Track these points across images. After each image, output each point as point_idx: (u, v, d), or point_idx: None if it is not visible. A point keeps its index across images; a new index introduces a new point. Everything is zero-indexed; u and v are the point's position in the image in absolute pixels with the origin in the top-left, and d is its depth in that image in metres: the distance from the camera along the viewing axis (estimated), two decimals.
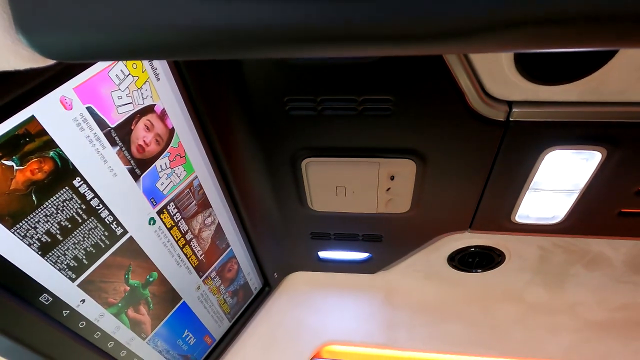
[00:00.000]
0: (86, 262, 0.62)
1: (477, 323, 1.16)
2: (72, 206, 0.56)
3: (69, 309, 0.63)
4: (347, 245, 1.08)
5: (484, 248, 1.05)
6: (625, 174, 0.77)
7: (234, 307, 1.08)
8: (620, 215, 0.86)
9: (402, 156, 0.78)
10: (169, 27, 0.24)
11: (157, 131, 0.63)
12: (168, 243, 0.76)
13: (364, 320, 1.18)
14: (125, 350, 0.78)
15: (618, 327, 1.14)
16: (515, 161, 0.77)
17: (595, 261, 1.05)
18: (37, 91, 0.47)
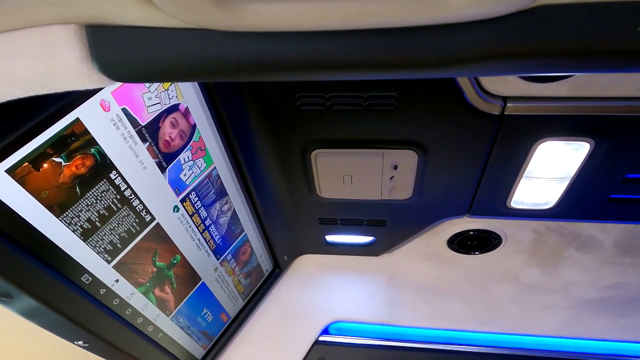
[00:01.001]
0: (120, 246, 0.69)
1: (475, 301, 1.23)
2: (108, 196, 0.63)
3: (105, 288, 0.70)
4: (352, 230, 1.15)
5: (481, 232, 1.11)
6: (612, 163, 0.82)
7: (248, 287, 1.16)
8: (609, 200, 0.92)
9: (405, 147, 0.84)
10: (197, 59, 0.30)
11: (181, 127, 0.70)
12: (190, 228, 0.83)
13: (368, 299, 1.26)
14: (152, 326, 0.86)
15: (608, 305, 1.21)
16: (510, 151, 0.83)
17: (587, 244, 1.11)
18: (82, 96, 0.53)
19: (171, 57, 0.30)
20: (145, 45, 0.30)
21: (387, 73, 0.29)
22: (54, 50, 0.30)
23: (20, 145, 0.49)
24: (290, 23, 0.25)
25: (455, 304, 1.24)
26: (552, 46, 0.26)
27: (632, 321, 1.19)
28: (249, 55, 0.28)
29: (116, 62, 0.32)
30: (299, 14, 0.24)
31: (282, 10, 0.24)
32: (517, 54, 0.27)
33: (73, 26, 0.30)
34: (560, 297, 1.22)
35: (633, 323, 1.19)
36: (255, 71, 0.29)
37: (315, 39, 0.26)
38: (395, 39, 0.26)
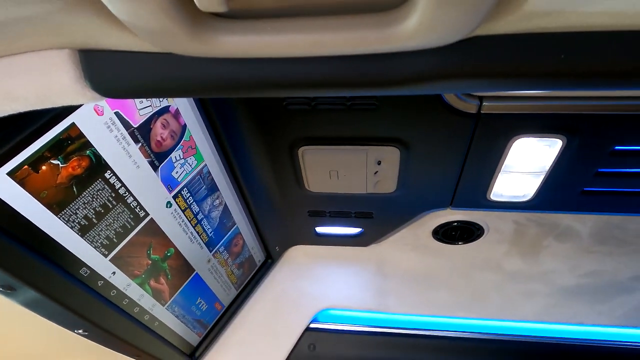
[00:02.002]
0: (116, 240, 0.73)
1: (460, 289, 1.29)
2: (104, 195, 0.67)
3: (103, 280, 0.74)
4: (341, 222, 1.19)
5: (464, 223, 1.16)
6: (584, 158, 0.87)
7: (240, 277, 1.20)
8: (583, 193, 0.97)
9: (387, 144, 0.88)
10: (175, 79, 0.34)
11: (172, 128, 0.73)
12: (182, 223, 0.87)
13: (357, 288, 1.31)
14: (148, 315, 0.90)
15: (585, 292, 1.26)
16: (488, 147, 0.87)
17: (565, 233, 1.16)
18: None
19: (152, 77, 0.34)
20: (130, 66, 0.34)
21: (347, 91, 0.33)
22: (51, 71, 0.34)
23: (20, 149, 0.53)
24: (257, 52, 0.28)
25: (441, 292, 1.29)
26: (487, 69, 0.30)
27: (608, 307, 1.25)
28: (220, 77, 0.32)
29: (105, 81, 0.35)
30: (266, 46, 0.28)
31: (251, 42, 0.28)
32: (458, 75, 0.31)
33: (68, 51, 0.33)
34: (541, 285, 1.27)
35: (609, 308, 1.25)
36: (225, 90, 0.33)
37: (280, 64, 0.30)
38: (354, 63, 0.30)
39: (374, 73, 0.30)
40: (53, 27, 0.29)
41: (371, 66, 0.30)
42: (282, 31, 0.27)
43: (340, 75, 0.31)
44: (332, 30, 0.27)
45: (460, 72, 0.30)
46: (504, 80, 0.31)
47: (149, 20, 0.26)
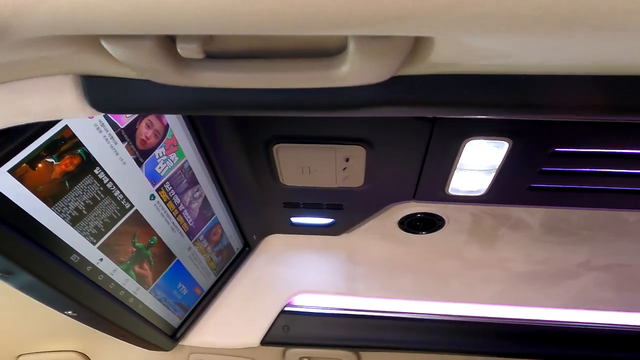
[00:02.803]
0: (103, 230, 0.80)
1: (423, 275, 1.40)
2: (93, 189, 0.74)
3: (91, 266, 0.82)
4: (314, 212, 1.28)
5: (427, 214, 1.26)
6: (529, 158, 0.97)
7: (219, 264, 1.28)
8: (530, 189, 1.08)
9: (354, 143, 0.97)
10: (160, 100, 0.42)
11: (156, 127, 0.80)
12: (165, 214, 0.94)
13: (329, 274, 1.40)
14: (132, 298, 0.98)
15: (537, 277, 1.39)
16: (443, 148, 0.96)
17: (517, 224, 1.28)
18: None
19: (141, 98, 0.42)
20: (122, 89, 0.42)
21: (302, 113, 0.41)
22: (58, 92, 0.41)
23: (19, 150, 0.59)
24: (226, 85, 0.36)
25: (406, 278, 1.40)
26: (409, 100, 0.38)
27: (557, 291, 1.38)
28: (195, 101, 0.40)
29: (103, 100, 0.43)
30: (233, 81, 0.36)
31: (222, 77, 0.36)
32: (388, 104, 0.39)
33: (72, 76, 0.41)
34: (497, 271, 1.39)
35: (557, 293, 1.38)
36: (199, 110, 0.41)
37: (244, 93, 0.38)
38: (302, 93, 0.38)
39: (323, 101, 0.39)
40: (64, 63, 0.36)
41: (322, 95, 0.39)
42: (245, 70, 0.35)
43: (295, 102, 0.39)
44: (285, 70, 0.35)
45: (390, 102, 0.39)
46: (422, 109, 0.39)
47: (142, 63, 0.33)
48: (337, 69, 0.34)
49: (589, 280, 1.36)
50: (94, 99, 0.42)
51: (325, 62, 0.34)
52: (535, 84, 0.37)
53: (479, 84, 0.38)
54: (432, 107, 0.39)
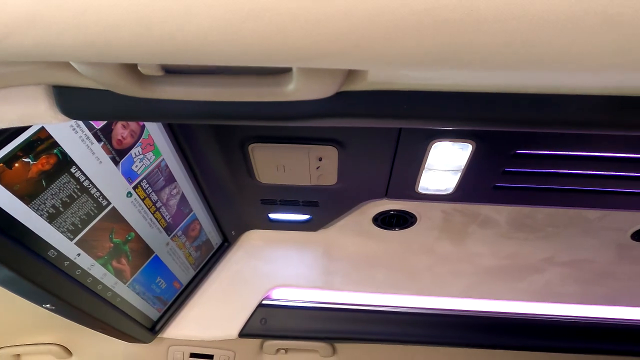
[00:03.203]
0: (80, 226, 0.83)
1: (397, 269, 1.45)
2: (70, 187, 0.76)
3: (69, 261, 0.84)
4: (291, 209, 1.32)
5: (399, 211, 1.31)
6: (492, 160, 1.02)
7: (198, 259, 1.32)
8: (495, 188, 1.13)
9: (326, 144, 1.00)
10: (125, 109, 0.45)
11: (132, 128, 0.83)
12: (142, 210, 0.97)
13: (306, 268, 1.45)
14: (110, 292, 1.01)
15: (505, 272, 1.45)
16: (411, 149, 1.01)
17: (486, 222, 1.33)
18: None
19: (107, 107, 0.45)
20: (90, 98, 0.45)
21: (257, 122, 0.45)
22: (31, 101, 0.44)
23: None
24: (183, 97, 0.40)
25: (380, 272, 1.45)
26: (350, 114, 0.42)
27: (523, 285, 1.45)
28: (155, 110, 0.43)
29: (73, 108, 0.46)
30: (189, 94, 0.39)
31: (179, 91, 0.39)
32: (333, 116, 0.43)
33: (43, 86, 0.44)
34: (466, 266, 1.45)
35: (524, 287, 1.45)
36: (159, 118, 0.44)
37: (200, 104, 0.42)
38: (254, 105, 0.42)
39: (274, 113, 0.43)
40: (36, 75, 0.39)
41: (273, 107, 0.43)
42: (201, 85, 0.39)
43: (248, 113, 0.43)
44: (238, 85, 0.39)
45: (335, 114, 0.43)
46: (366, 121, 0.43)
47: (106, 79, 0.37)
48: (285, 86, 0.38)
49: (553, 275, 1.43)
50: (64, 107, 0.45)
51: (274, 80, 0.38)
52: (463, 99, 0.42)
53: (417, 99, 0.42)
54: (374, 119, 0.43)
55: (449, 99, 0.42)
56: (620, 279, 1.42)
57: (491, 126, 0.44)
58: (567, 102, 0.42)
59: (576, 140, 0.98)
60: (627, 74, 0.36)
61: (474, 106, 0.41)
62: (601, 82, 0.41)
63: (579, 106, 0.45)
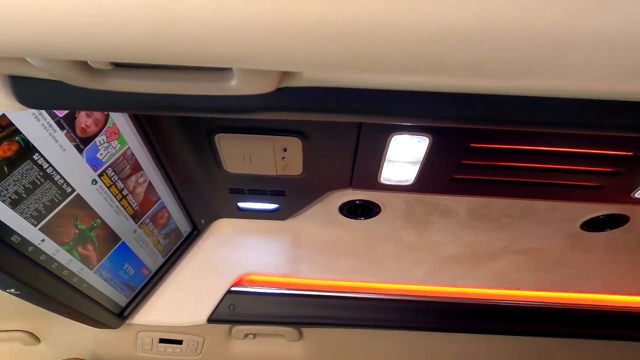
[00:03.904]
0: (44, 212, 0.84)
1: (362, 258, 1.50)
2: (32, 173, 0.78)
3: (33, 246, 0.86)
4: (259, 198, 1.35)
5: (364, 201, 1.36)
6: (448, 152, 1.08)
7: (167, 246, 1.34)
8: (452, 179, 1.19)
9: (290, 135, 1.04)
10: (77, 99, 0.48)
11: (96, 117, 0.85)
12: (108, 198, 0.99)
13: (275, 256, 1.49)
14: (76, 277, 1.03)
15: (464, 259, 1.52)
16: (372, 141, 1.05)
17: (446, 211, 1.40)
18: None
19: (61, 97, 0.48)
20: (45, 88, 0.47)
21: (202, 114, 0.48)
22: None
23: None
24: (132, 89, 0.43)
25: (346, 260, 1.50)
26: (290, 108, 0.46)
27: (480, 272, 1.52)
28: (106, 101, 0.46)
29: (29, 97, 0.48)
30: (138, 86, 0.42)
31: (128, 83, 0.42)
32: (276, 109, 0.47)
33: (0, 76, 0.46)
34: (428, 254, 1.52)
35: (481, 273, 1.52)
36: (111, 109, 0.47)
37: (147, 96, 0.45)
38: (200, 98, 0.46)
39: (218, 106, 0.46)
40: None
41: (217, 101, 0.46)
42: (149, 78, 0.42)
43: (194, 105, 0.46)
44: (183, 80, 0.42)
45: (276, 108, 0.46)
46: (306, 114, 0.47)
47: (58, 72, 0.39)
48: (227, 82, 0.42)
49: (509, 263, 1.51)
50: (21, 96, 0.47)
51: (217, 76, 0.42)
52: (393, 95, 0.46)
53: (354, 95, 0.46)
54: (314, 113, 0.47)
55: (382, 95, 0.46)
56: (570, 266, 1.51)
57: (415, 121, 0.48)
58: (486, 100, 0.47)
59: (527, 135, 1.04)
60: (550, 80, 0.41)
61: (403, 102, 0.45)
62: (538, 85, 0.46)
63: (504, 105, 0.50)
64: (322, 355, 1.62)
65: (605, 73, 0.32)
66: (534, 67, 0.30)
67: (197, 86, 0.42)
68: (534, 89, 0.45)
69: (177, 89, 0.42)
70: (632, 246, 1.49)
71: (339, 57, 0.29)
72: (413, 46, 0.27)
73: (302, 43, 0.28)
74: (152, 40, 0.28)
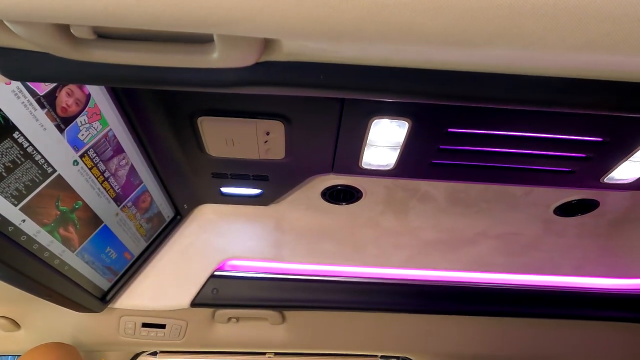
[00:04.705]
0: (25, 192, 0.84)
1: (344, 242, 1.53)
2: (13, 152, 0.78)
3: (13, 226, 0.86)
4: (242, 183, 1.37)
5: (346, 186, 1.38)
6: (427, 137, 1.11)
7: (150, 230, 1.34)
8: (431, 165, 1.22)
9: (273, 118, 1.05)
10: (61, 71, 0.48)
11: (77, 96, 0.85)
12: (90, 179, 0.99)
13: (257, 241, 1.51)
14: (58, 260, 1.02)
15: (443, 244, 1.57)
16: (354, 125, 1.07)
17: (425, 197, 1.43)
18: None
19: (45, 68, 0.48)
20: (29, 60, 0.48)
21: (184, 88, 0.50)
22: None
23: None
24: (114, 60, 0.44)
25: (328, 245, 1.53)
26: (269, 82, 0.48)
27: (457, 256, 1.57)
28: (89, 73, 0.47)
29: (12, 69, 0.49)
30: (121, 57, 0.43)
31: (110, 54, 0.43)
32: (256, 84, 0.48)
33: None
34: (408, 238, 1.55)
35: (458, 257, 1.57)
36: (94, 81, 0.48)
37: (132, 68, 0.46)
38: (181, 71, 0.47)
39: (199, 79, 0.47)
40: None
41: (198, 74, 0.47)
42: (131, 49, 0.43)
43: (175, 78, 0.47)
44: (165, 52, 0.43)
45: (255, 82, 0.48)
46: (285, 89, 0.49)
47: (40, 41, 0.40)
48: (208, 54, 0.43)
49: (485, 247, 1.56)
50: (3, 68, 0.48)
51: (199, 48, 0.43)
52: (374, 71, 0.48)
53: (332, 70, 0.48)
54: (293, 87, 0.49)
55: (360, 71, 0.48)
56: (543, 250, 1.57)
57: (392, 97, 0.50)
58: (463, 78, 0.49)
59: (503, 120, 1.08)
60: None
61: (381, 78, 0.47)
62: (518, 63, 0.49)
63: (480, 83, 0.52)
64: (304, 337, 1.65)
65: (568, 43, 0.35)
66: (496, 35, 0.32)
67: (179, 58, 0.43)
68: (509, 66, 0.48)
69: (160, 60, 0.43)
70: (601, 231, 1.56)
71: (316, 21, 0.31)
72: (381, 13, 0.29)
73: (282, 4, 0.29)
74: (134, 0, 0.30)
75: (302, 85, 0.49)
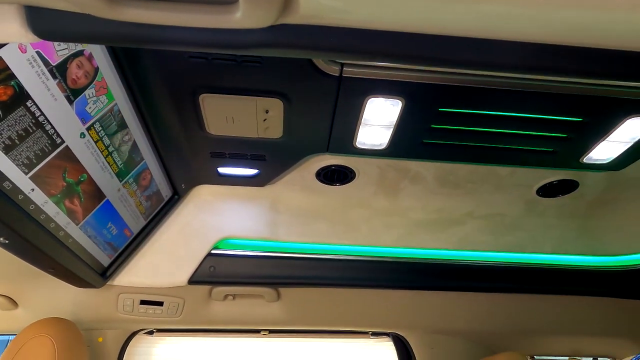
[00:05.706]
0: (35, 161, 0.87)
1: (337, 222, 1.59)
2: (25, 120, 0.80)
3: (23, 195, 0.89)
4: (239, 163, 1.40)
5: (340, 167, 1.43)
6: (420, 116, 1.16)
7: (149, 209, 1.38)
8: (423, 144, 1.28)
9: (272, 96, 1.10)
10: (92, 31, 0.52)
11: (86, 69, 0.88)
12: (95, 153, 1.02)
13: (254, 221, 1.55)
14: (63, 231, 1.05)
15: (432, 224, 1.63)
16: (350, 104, 1.12)
17: (416, 178, 1.49)
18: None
19: (78, 28, 0.52)
20: (61, 19, 0.51)
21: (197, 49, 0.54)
22: (3, 20, 0.50)
23: None
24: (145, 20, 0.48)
25: (321, 224, 1.58)
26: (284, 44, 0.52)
27: (445, 235, 1.64)
28: (122, 33, 0.51)
29: (44, 28, 0.52)
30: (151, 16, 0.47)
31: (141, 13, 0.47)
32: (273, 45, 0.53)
33: (16, 5, 0.50)
34: (399, 218, 1.62)
35: (446, 237, 1.64)
36: (122, 41, 0.52)
37: (163, 29, 0.50)
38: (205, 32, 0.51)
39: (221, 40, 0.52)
40: None
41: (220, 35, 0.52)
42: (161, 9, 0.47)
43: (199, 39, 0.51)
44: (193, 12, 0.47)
45: (271, 44, 0.52)
46: (298, 51, 0.54)
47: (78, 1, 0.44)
48: (233, 14, 0.47)
49: (472, 227, 1.63)
50: (35, 27, 0.51)
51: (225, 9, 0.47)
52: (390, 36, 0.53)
53: (344, 34, 0.53)
54: (306, 50, 0.53)
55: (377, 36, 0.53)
56: (526, 230, 1.65)
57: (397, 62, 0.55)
58: None
59: (491, 101, 1.14)
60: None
61: (400, 43, 0.52)
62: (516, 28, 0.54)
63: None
64: (298, 315, 1.71)
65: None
66: None
67: (206, 18, 0.47)
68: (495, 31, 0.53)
69: (189, 20, 0.47)
70: (580, 211, 1.64)
71: None
72: None
73: None
74: None
75: (315, 48, 0.53)
